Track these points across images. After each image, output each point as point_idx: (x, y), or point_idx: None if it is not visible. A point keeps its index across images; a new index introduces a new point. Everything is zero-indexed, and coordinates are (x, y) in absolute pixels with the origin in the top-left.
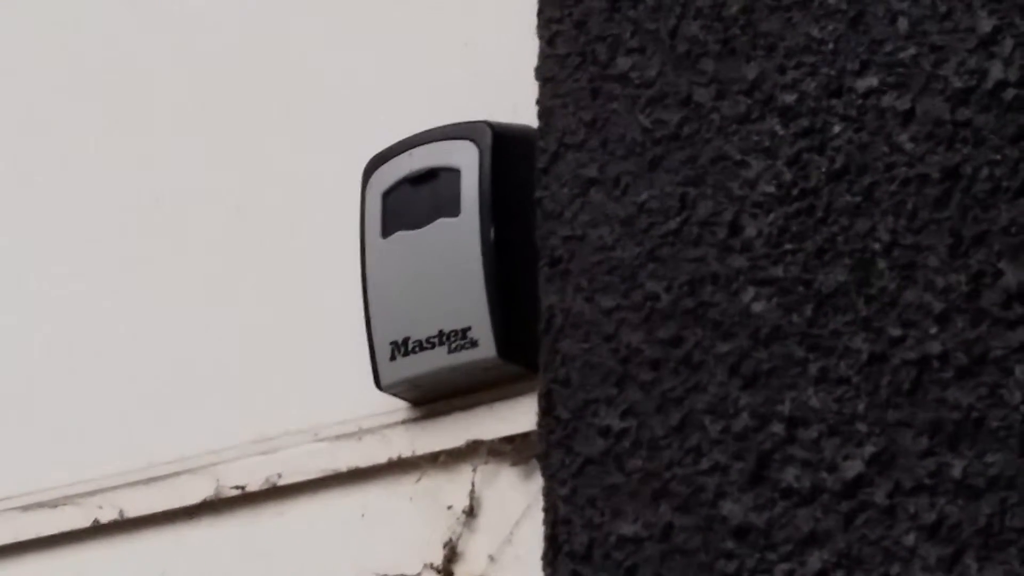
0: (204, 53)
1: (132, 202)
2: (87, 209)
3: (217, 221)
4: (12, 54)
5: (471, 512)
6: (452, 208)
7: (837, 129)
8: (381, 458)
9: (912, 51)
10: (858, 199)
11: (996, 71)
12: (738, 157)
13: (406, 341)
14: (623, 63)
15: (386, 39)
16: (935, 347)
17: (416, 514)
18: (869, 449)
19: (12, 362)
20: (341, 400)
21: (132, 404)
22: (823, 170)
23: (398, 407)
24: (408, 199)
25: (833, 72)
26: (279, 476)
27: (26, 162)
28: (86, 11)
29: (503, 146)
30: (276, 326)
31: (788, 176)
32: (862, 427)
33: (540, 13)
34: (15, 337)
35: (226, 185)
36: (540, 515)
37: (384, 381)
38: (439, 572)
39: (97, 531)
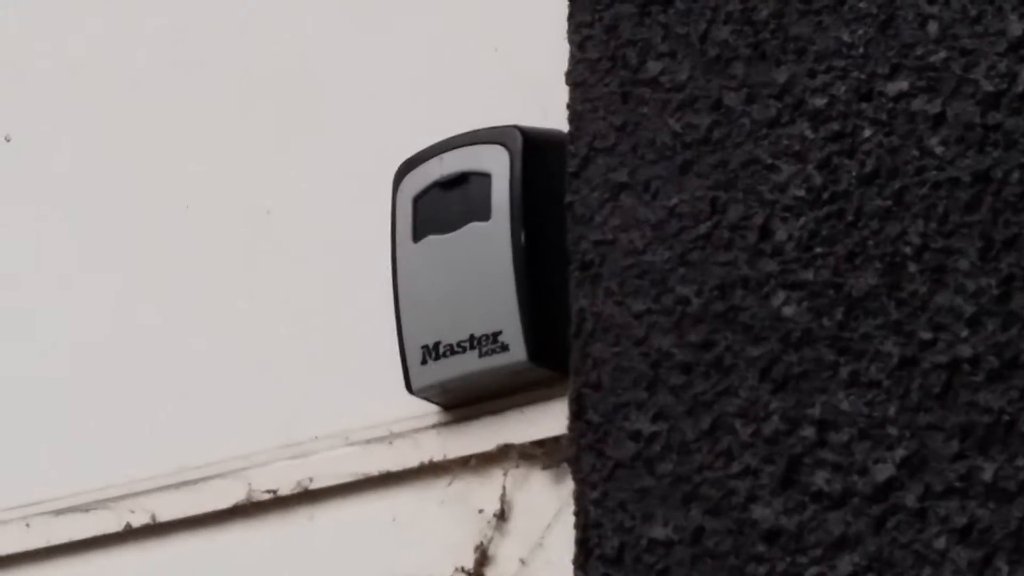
0: (236, 58)
1: (164, 207)
2: (118, 214)
3: (248, 226)
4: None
5: (502, 516)
6: (483, 212)
7: (867, 133)
8: (412, 462)
9: (942, 55)
10: (888, 203)
11: None
12: (768, 161)
13: (437, 345)
14: (653, 67)
15: (417, 44)
16: (966, 350)
17: (447, 518)
18: (900, 452)
19: (44, 367)
20: (372, 404)
21: (164, 408)
22: (853, 174)
23: (429, 411)
24: (439, 203)
25: (863, 76)
26: (310, 480)
27: (59, 167)
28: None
29: (534, 150)
30: (307, 330)
31: (818, 180)
32: (893, 431)
33: (570, 18)
34: (47, 342)
35: (257, 190)
36: (571, 519)
37: (415, 385)
38: (470, 575)
39: (129, 535)
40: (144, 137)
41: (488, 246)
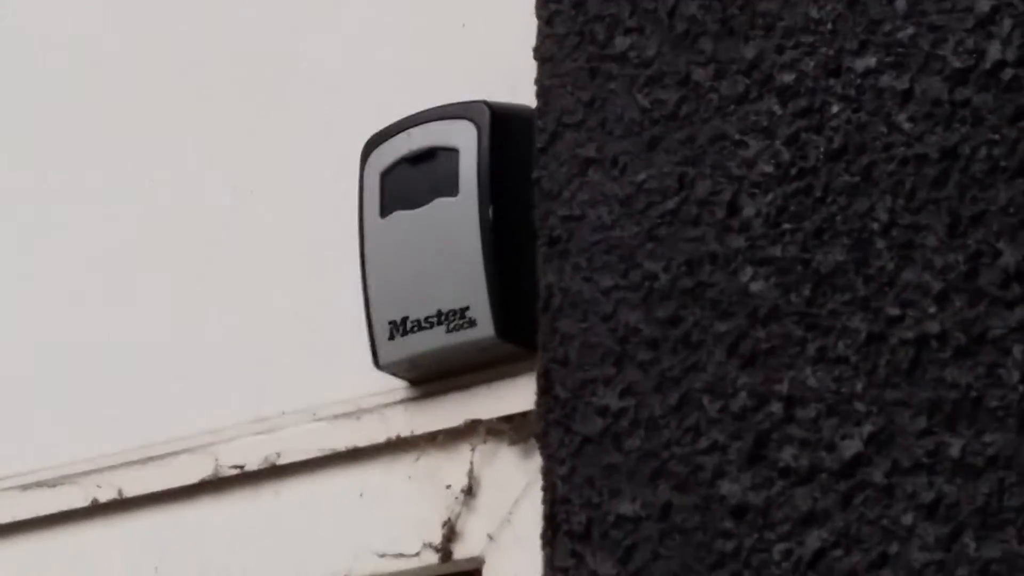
0: (203, 41)
1: (136, 189)
2: (93, 196)
3: (217, 205)
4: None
5: (470, 491)
6: (450, 188)
7: (835, 109)
8: (379, 438)
9: (910, 31)
10: (856, 179)
11: (994, 51)
12: (736, 137)
13: (404, 321)
14: (621, 43)
15: (384, 20)
16: (933, 327)
17: (414, 493)
18: (867, 428)
19: (14, 344)
20: (339, 380)
21: (130, 384)
22: (821, 150)
23: (396, 387)
24: (406, 179)
25: (831, 52)
26: (278, 455)
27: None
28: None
29: (502, 126)
30: (275, 306)
31: (786, 156)
32: (860, 406)
33: None
34: (17, 319)
35: (225, 169)
36: (539, 494)
37: (382, 360)
38: (438, 551)
39: (96, 511)
40: (117, 118)
41: (456, 222)
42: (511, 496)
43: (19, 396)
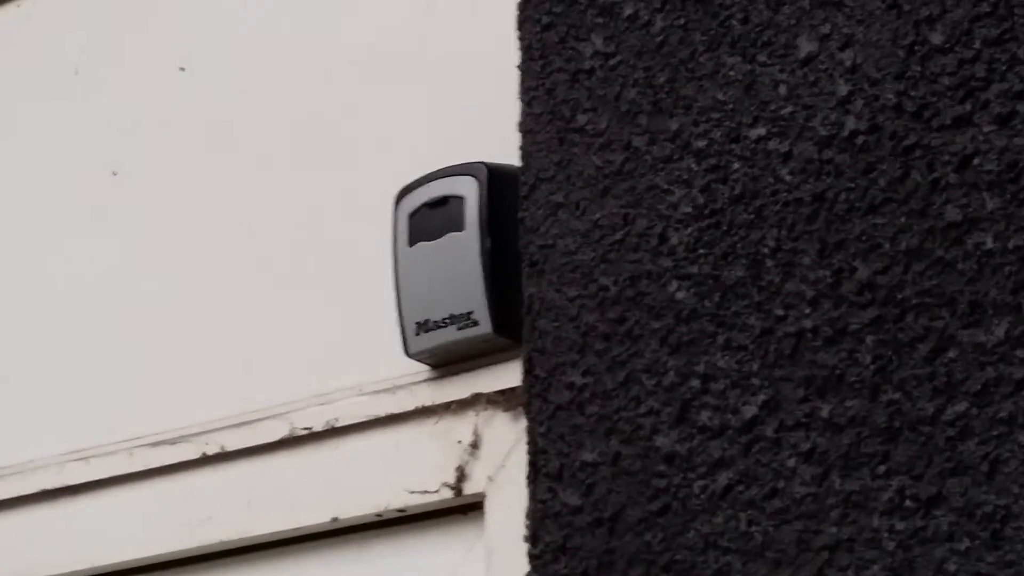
0: (285, 112)
1: (229, 225)
2: (200, 227)
3: (290, 236)
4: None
5: (475, 445)
6: (459, 225)
7: (736, 166)
8: (409, 406)
9: (790, 108)
10: (752, 216)
11: (851, 123)
12: (665, 186)
13: (427, 321)
14: (581, 119)
15: (412, 103)
16: (808, 323)
17: (435, 447)
18: (761, 397)
19: (152, 331)
20: (380, 365)
21: (228, 367)
22: (726, 196)
23: (421, 369)
24: (427, 219)
25: (733, 124)
26: (336, 420)
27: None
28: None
29: (496, 180)
30: (334, 311)
31: (701, 200)
32: (756, 381)
33: (521, 83)
34: (152, 314)
35: (297, 210)
36: (525, 447)
37: (411, 350)
38: (452, 488)
39: (204, 461)
40: (210, 169)
41: (463, 249)
42: (505, 448)
43: (148, 374)
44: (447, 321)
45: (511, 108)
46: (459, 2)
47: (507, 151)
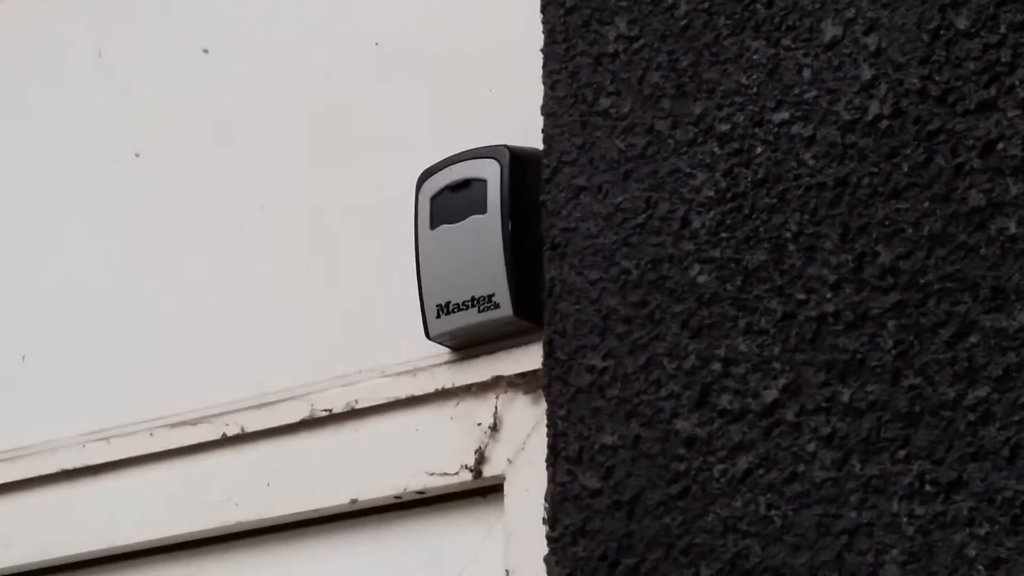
0: (308, 95)
1: (251, 208)
2: (222, 210)
3: (312, 220)
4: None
5: (495, 428)
6: (481, 208)
7: (759, 150)
8: (430, 388)
9: (814, 93)
10: (774, 200)
11: (874, 107)
12: (687, 170)
13: (448, 304)
14: (604, 103)
15: (435, 86)
16: (830, 307)
17: (455, 429)
18: (782, 381)
19: (173, 312)
20: (401, 347)
21: (249, 348)
22: (749, 180)
23: (442, 352)
24: (449, 201)
25: (756, 108)
26: (356, 402)
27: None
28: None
29: (518, 163)
30: (353, 294)
31: (724, 184)
32: (777, 365)
33: (544, 66)
34: (173, 294)
35: (319, 191)
36: (545, 430)
37: (432, 333)
38: (471, 471)
39: (224, 442)
40: (232, 150)
41: (485, 232)
42: (525, 431)
43: (169, 356)
44: (468, 304)
45: (534, 90)
46: None
47: (530, 134)
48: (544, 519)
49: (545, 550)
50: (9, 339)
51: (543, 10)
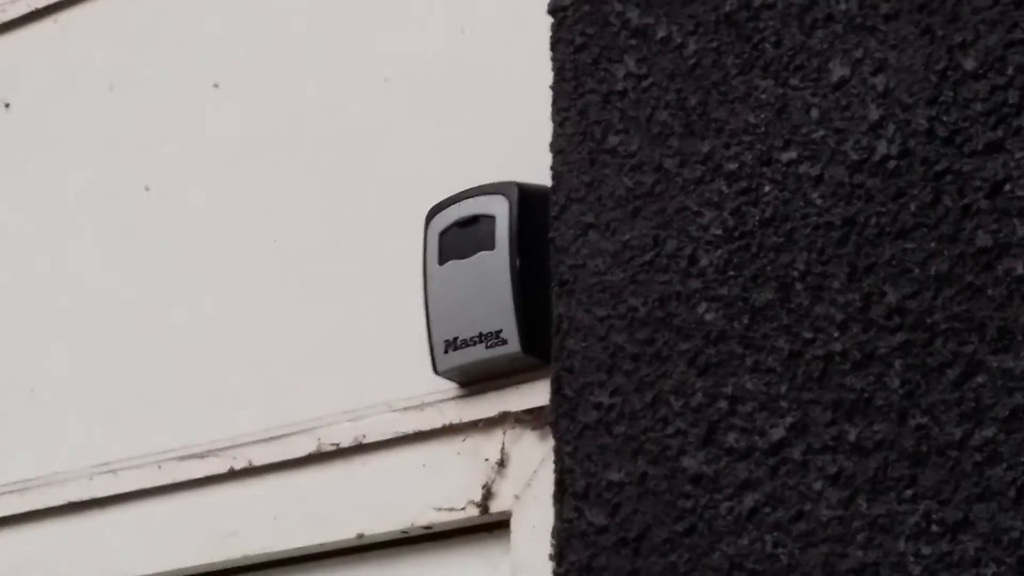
0: (318, 130)
1: (261, 242)
2: (232, 244)
3: (322, 254)
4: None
5: (502, 463)
6: (490, 244)
7: (767, 188)
8: (437, 424)
9: (821, 132)
10: (782, 239)
11: (882, 148)
12: (695, 208)
13: (455, 339)
14: (613, 140)
15: (445, 122)
16: (837, 346)
17: (462, 464)
18: (789, 420)
19: (183, 345)
20: (409, 382)
21: (259, 385)
22: (756, 218)
23: (449, 387)
24: (458, 237)
25: (764, 147)
26: (364, 436)
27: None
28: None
29: (527, 199)
30: (362, 328)
31: (731, 222)
32: (784, 404)
33: (553, 103)
34: (182, 328)
35: (328, 226)
36: (551, 466)
37: (440, 368)
38: (478, 506)
39: (232, 475)
40: (242, 186)
41: (493, 268)
42: (532, 467)
43: (176, 390)
44: (476, 339)
45: (543, 127)
46: (492, 22)
47: (539, 170)
48: (551, 555)
49: None
50: (18, 371)
51: (553, 47)
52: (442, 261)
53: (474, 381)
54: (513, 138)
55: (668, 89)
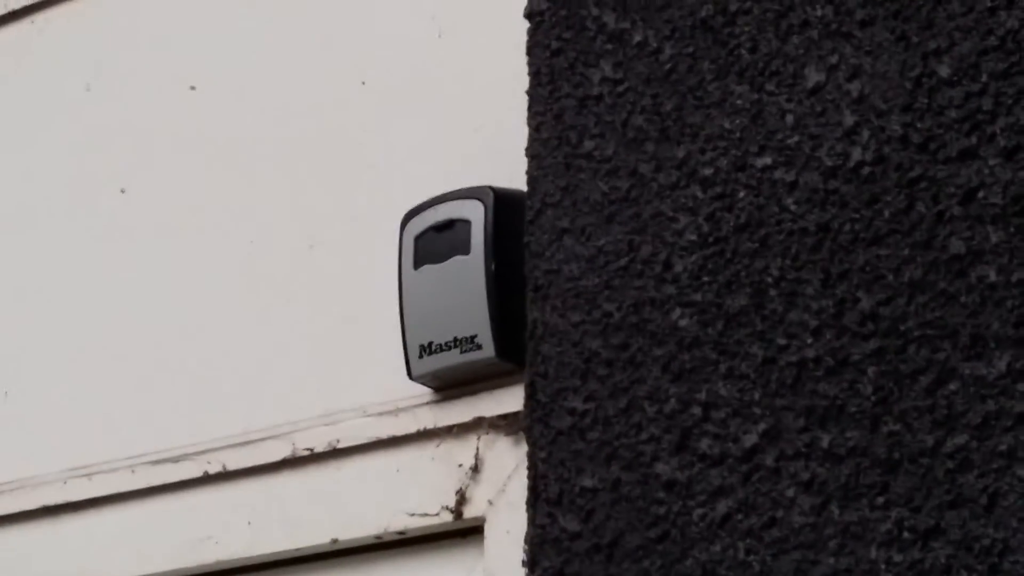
0: (295, 133)
1: (237, 244)
2: (207, 246)
3: (296, 257)
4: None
5: (476, 469)
6: (464, 248)
7: (742, 194)
8: (411, 429)
9: (796, 138)
10: (756, 245)
11: (856, 154)
12: (670, 214)
13: (430, 344)
14: (588, 145)
15: (421, 126)
16: (811, 353)
17: (436, 470)
18: (762, 426)
19: (157, 349)
20: (383, 387)
21: (234, 388)
22: (731, 224)
23: (424, 392)
24: (433, 241)
25: (739, 153)
26: (338, 441)
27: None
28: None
29: (502, 204)
30: (337, 333)
31: (706, 228)
32: (757, 410)
33: (529, 108)
34: (156, 331)
35: (303, 230)
36: (526, 471)
37: (414, 373)
38: (452, 512)
39: (206, 480)
40: (217, 189)
41: (468, 273)
42: (505, 473)
43: (151, 394)
44: (451, 344)
45: (518, 132)
46: (469, 27)
47: (514, 175)
48: (524, 561)
49: None
50: None
51: (529, 52)
52: (417, 265)
53: (449, 386)
54: (489, 143)
55: (644, 94)
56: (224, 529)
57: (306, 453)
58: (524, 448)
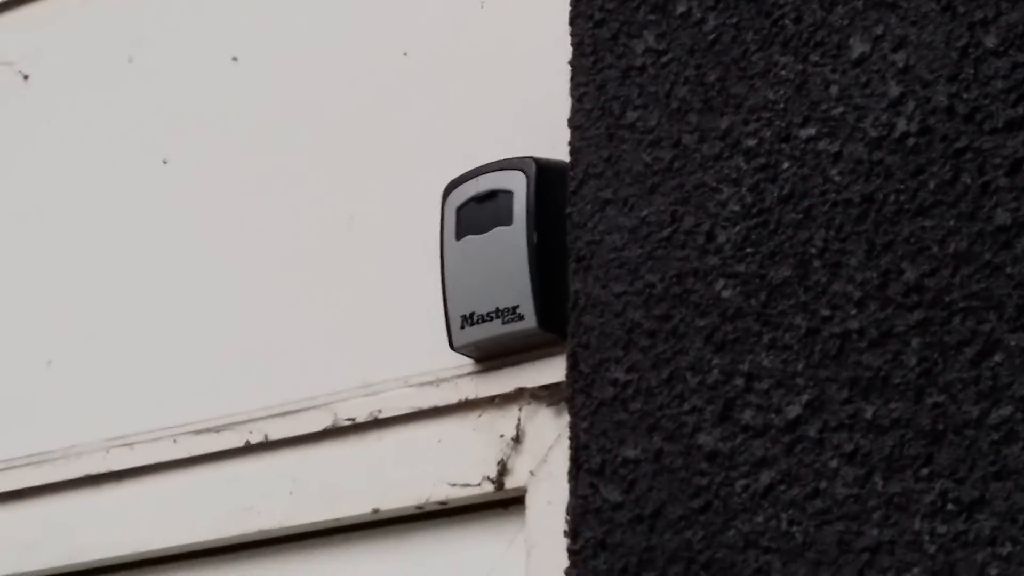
0: (336, 103)
1: (274, 214)
2: (249, 218)
3: (339, 229)
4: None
5: (517, 439)
6: (507, 219)
7: (786, 165)
8: (453, 400)
9: (841, 109)
10: (800, 216)
11: (901, 124)
12: (714, 184)
13: (472, 315)
14: (631, 116)
15: (463, 97)
16: (854, 324)
17: (477, 440)
18: (805, 397)
19: (200, 319)
20: (425, 357)
21: (275, 358)
22: (775, 195)
23: (466, 363)
24: (475, 212)
25: (783, 124)
26: (380, 412)
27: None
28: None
29: (544, 175)
30: (378, 303)
31: (749, 199)
32: (800, 381)
33: (572, 79)
34: (199, 301)
35: (346, 200)
36: (567, 442)
37: (456, 344)
38: (493, 482)
39: (248, 450)
40: (260, 159)
41: (510, 244)
42: (547, 443)
43: (193, 364)
44: (492, 315)
45: (561, 103)
46: None
47: (557, 146)
48: (565, 532)
49: (566, 563)
50: (35, 344)
51: (572, 23)
52: (459, 236)
53: (490, 357)
54: (531, 113)
55: (687, 65)
56: (265, 499)
57: (347, 423)
58: (566, 419)
